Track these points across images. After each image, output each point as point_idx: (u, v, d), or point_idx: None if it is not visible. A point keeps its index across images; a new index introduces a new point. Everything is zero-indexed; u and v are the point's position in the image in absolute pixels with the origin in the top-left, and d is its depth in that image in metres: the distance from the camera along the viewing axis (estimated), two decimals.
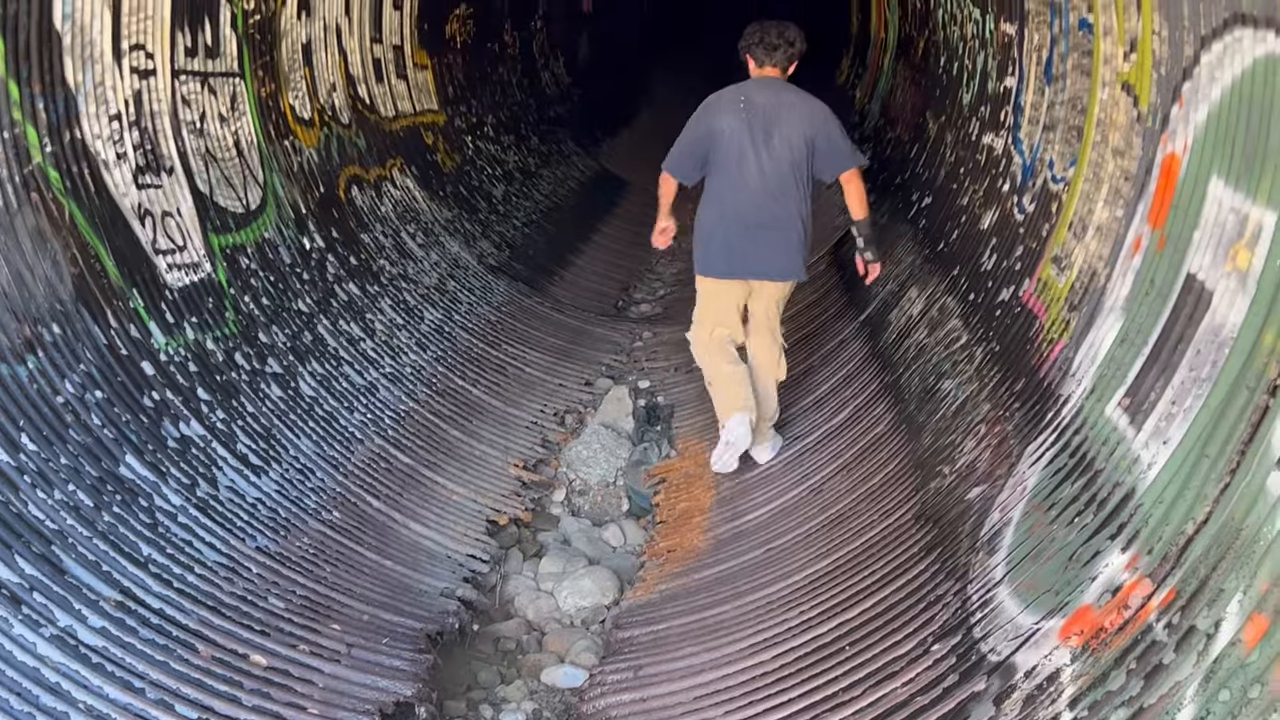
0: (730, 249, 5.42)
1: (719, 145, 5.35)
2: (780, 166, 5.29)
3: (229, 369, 4.96)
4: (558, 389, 6.87)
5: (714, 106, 5.42)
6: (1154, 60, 3.62)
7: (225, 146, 5.64)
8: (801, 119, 5.30)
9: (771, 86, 5.41)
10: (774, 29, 5.45)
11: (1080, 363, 3.77)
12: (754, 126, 5.29)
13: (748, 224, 5.36)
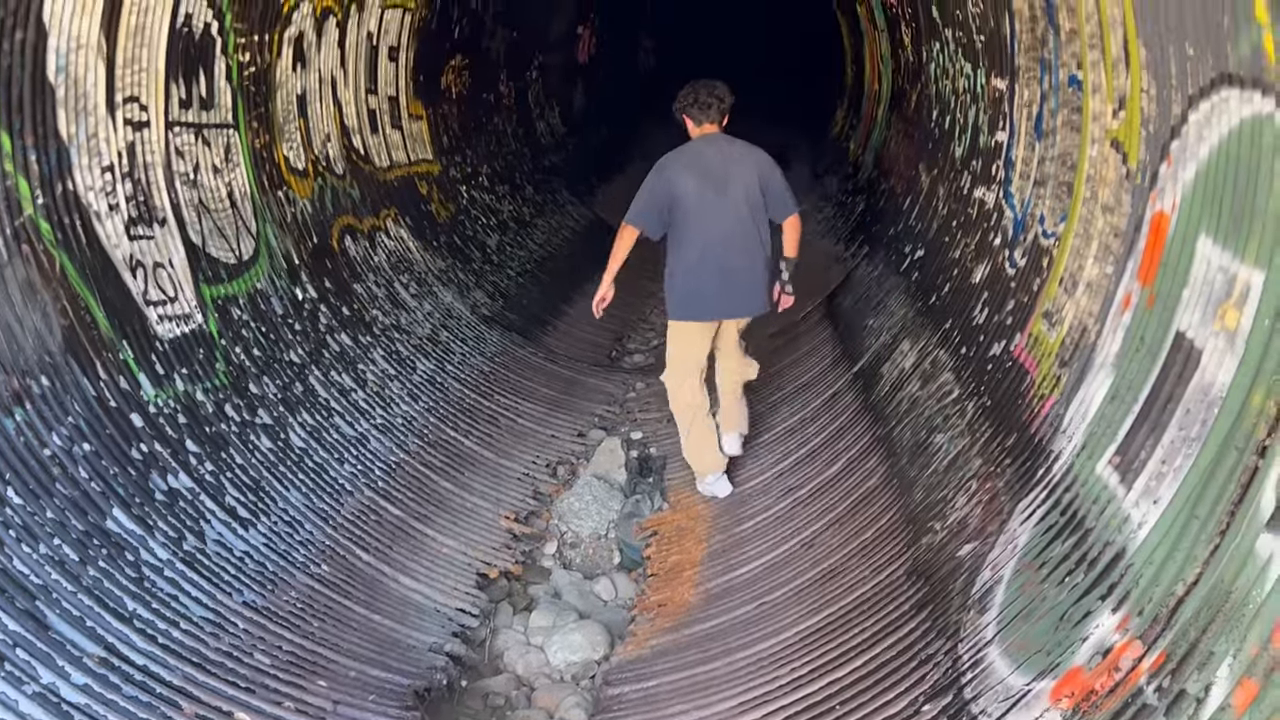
0: (705, 294, 5.86)
1: (681, 202, 5.76)
2: (740, 213, 5.78)
3: (219, 420, 4.95)
4: (550, 440, 6.86)
5: (671, 167, 5.84)
6: (1142, 118, 3.64)
7: (218, 197, 5.65)
8: (751, 168, 5.81)
9: (718, 142, 5.89)
10: (704, 89, 5.93)
11: (1071, 419, 3.77)
12: (711, 182, 5.76)
13: (718, 269, 5.80)
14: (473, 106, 11.29)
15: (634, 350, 9.29)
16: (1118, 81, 3.90)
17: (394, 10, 8.62)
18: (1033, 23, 5.10)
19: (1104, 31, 4.00)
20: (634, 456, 6.70)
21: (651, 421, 7.24)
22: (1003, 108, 5.81)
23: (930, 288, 6.45)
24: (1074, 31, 4.42)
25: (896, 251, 7.85)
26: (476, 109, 11.45)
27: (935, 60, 8.08)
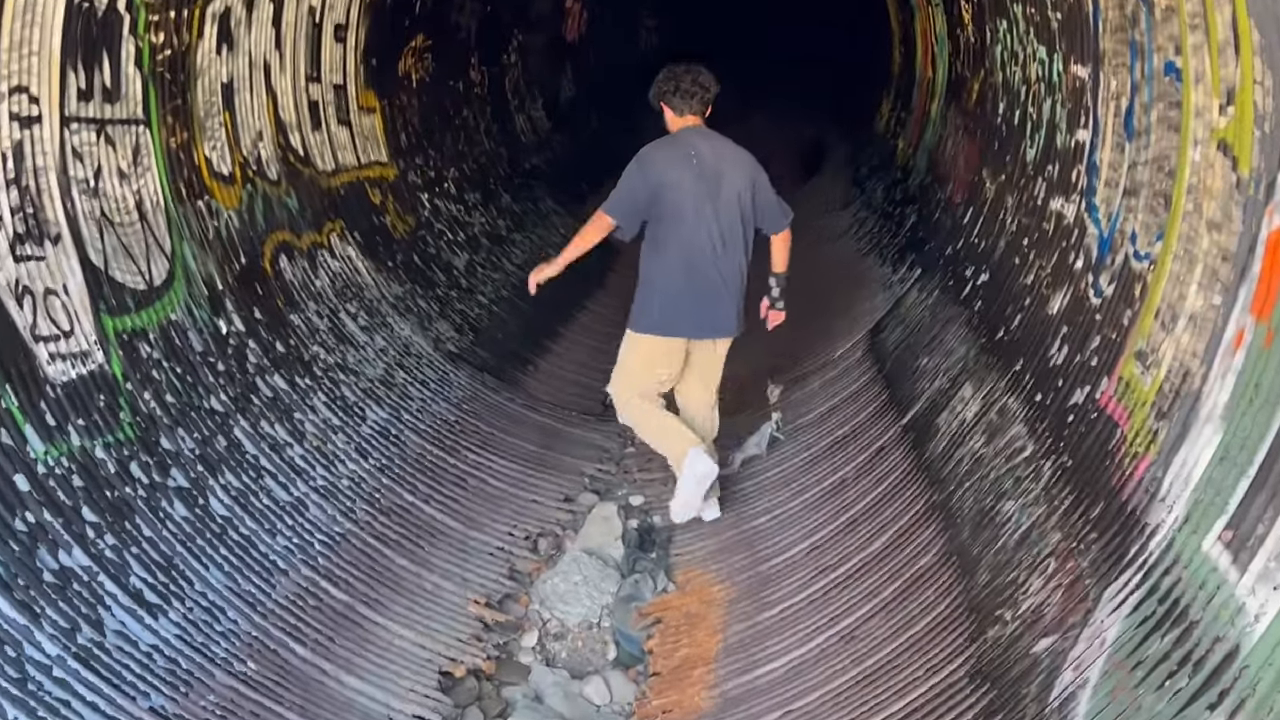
0: (682, 308, 6.29)
1: (668, 199, 6.15)
2: (732, 219, 6.21)
3: (122, 483, 4.93)
4: (530, 506, 6.84)
5: (659, 159, 6.25)
6: (1256, 115, 3.65)
7: (125, 209, 5.65)
8: (743, 169, 6.25)
9: (709, 137, 6.31)
10: (686, 76, 6.30)
11: (1171, 484, 3.75)
12: (705, 179, 6.16)
13: (703, 281, 6.24)
14: (437, 97, 11.33)
15: None
16: (1225, 71, 3.91)
17: None
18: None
19: (1208, 9, 4.01)
20: (633, 526, 6.68)
21: (654, 483, 7.23)
22: (1084, 101, 5.83)
23: (997, 320, 6.45)
24: (1171, 9, 4.44)
25: (955, 275, 7.85)
26: (442, 100, 11.49)
27: (1002, 42, 8.11)
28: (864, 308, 9.30)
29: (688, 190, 6.14)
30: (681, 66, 6.36)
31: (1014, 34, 7.62)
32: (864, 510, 6.04)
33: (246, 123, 7.26)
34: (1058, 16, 6.36)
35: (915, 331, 7.86)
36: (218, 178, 6.78)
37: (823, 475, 6.65)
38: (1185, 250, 4.20)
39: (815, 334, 9.37)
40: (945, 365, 6.78)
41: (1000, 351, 6.16)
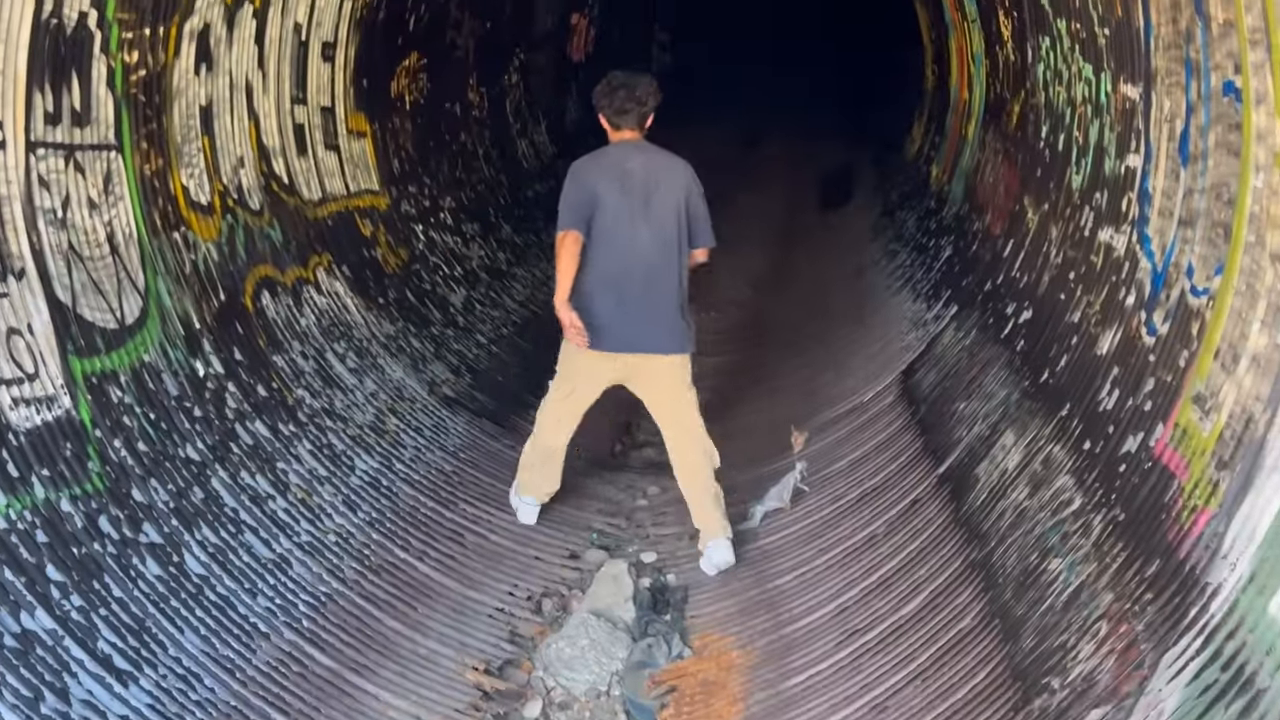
0: (611, 321, 6.56)
1: (600, 212, 6.49)
2: (662, 233, 6.55)
3: (90, 539, 4.92)
4: (532, 564, 6.82)
5: (590, 171, 6.60)
6: None
7: (95, 241, 5.67)
8: (676, 182, 6.61)
9: (642, 150, 6.66)
10: (621, 90, 6.62)
11: (1234, 540, 3.74)
12: (633, 193, 6.52)
13: (631, 298, 6.55)
14: (433, 120, 11.37)
15: (644, 443, 9.26)
16: None
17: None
18: (1174, 11, 5.13)
19: (1270, 23, 4.01)
20: (645, 586, 6.66)
21: (668, 539, 7.21)
22: (1135, 123, 5.83)
23: (1041, 361, 6.44)
24: (1229, 23, 4.44)
25: (995, 312, 7.85)
26: (438, 123, 11.53)
27: (1044, 60, 8.12)
28: (895, 348, 9.28)
29: (616, 205, 6.48)
30: (620, 78, 6.67)
31: (1058, 51, 7.63)
32: (896, 569, 6.02)
33: (227, 148, 7.28)
34: (1105, 33, 6.37)
35: (952, 374, 7.85)
36: (195, 208, 6.80)
37: (851, 530, 6.63)
38: (1247, 285, 4.18)
39: (843, 376, 9.36)
40: (985, 410, 6.76)
41: (1045, 395, 6.14)
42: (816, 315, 11.08)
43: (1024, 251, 7.88)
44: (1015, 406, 6.44)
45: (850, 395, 8.79)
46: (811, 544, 6.65)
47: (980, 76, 11.44)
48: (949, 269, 10.10)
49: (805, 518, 7.00)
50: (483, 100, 13.01)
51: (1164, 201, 5.27)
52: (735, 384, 10.30)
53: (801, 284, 12.05)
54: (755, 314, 12.42)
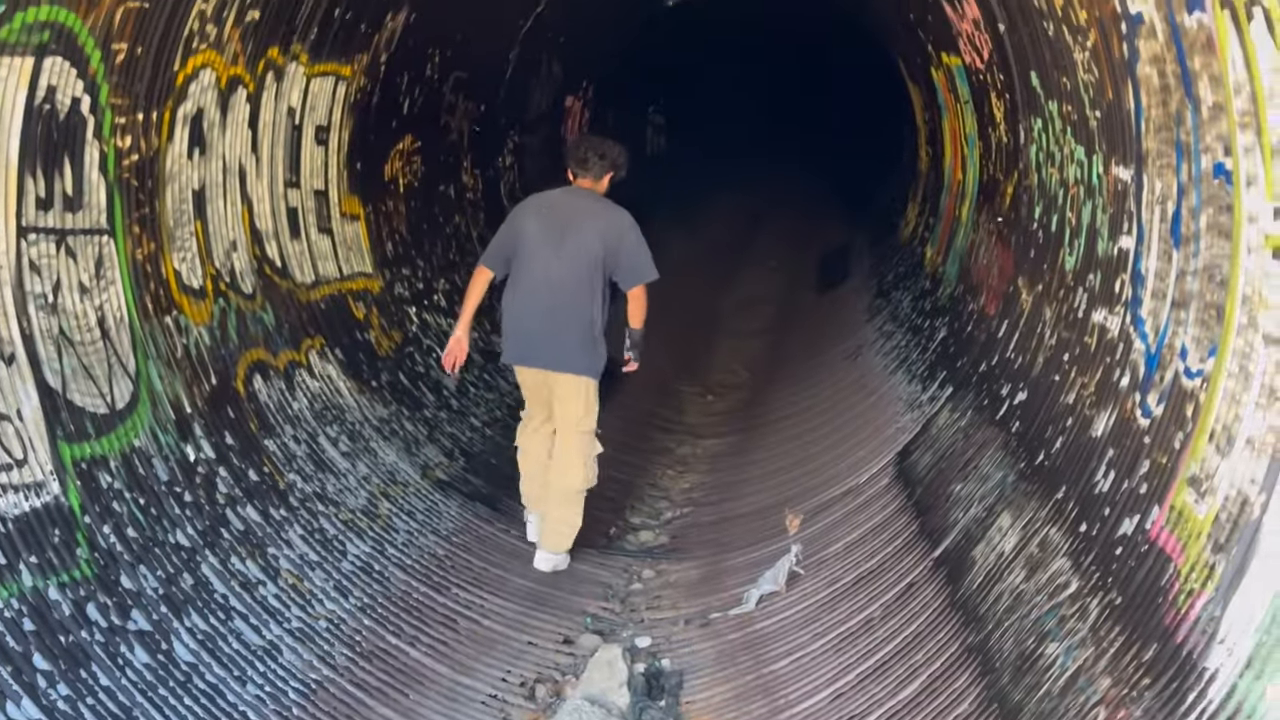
0: (521, 338, 7.60)
1: (521, 243, 7.53)
2: (571, 267, 7.43)
3: (78, 626, 4.90)
4: (526, 649, 6.79)
5: (523, 208, 7.75)
6: None
7: (86, 326, 5.68)
8: (598, 228, 7.47)
9: (577, 195, 7.68)
10: (586, 145, 7.80)
11: (1231, 625, 3.72)
12: (551, 229, 7.49)
13: (537, 317, 7.49)
14: (426, 203, 11.42)
15: (640, 526, 9.25)
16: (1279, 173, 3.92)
17: (323, 79, 8.77)
18: (1164, 94, 5.16)
19: (1259, 106, 4.03)
20: (640, 671, 6.62)
21: (663, 623, 7.17)
22: (1127, 205, 5.86)
23: (1036, 443, 6.43)
24: (1219, 106, 4.47)
25: (990, 394, 7.85)
26: (432, 206, 11.58)
27: (1036, 142, 8.17)
28: (891, 429, 9.28)
29: (534, 237, 7.49)
30: (592, 136, 8.13)
31: (1050, 133, 7.68)
32: (893, 653, 5.99)
33: (219, 232, 7.31)
34: (1096, 115, 6.41)
35: (947, 455, 7.84)
36: (187, 291, 6.81)
37: (848, 614, 6.60)
38: (1240, 367, 4.19)
39: (838, 458, 9.36)
40: (981, 492, 6.75)
41: (1040, 477, 6.13)
42: (813, 397, 11.10)
43: (1018, 332, 7.90)
44: (1011, 488, 6.43)
45: (846, 477, 8.78)
46: (807, 628, 6.61)
47: (973, 157, 11.51)
48: (944, 350, 10.11)
49: (801, 601, 6.97)
50: (477, 182, 13.06)
51: (1157, 283, 5.29)
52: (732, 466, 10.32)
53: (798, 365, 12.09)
54: (753, 396, 12.46)
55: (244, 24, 7.31)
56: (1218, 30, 4.33)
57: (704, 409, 12.47)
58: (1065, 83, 6.99)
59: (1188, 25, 4.63)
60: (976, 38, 9.76)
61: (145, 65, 6.25)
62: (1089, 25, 6.17)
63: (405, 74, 10.48)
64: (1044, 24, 7.12)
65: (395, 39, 9.86)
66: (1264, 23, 3.87)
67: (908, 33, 13.71)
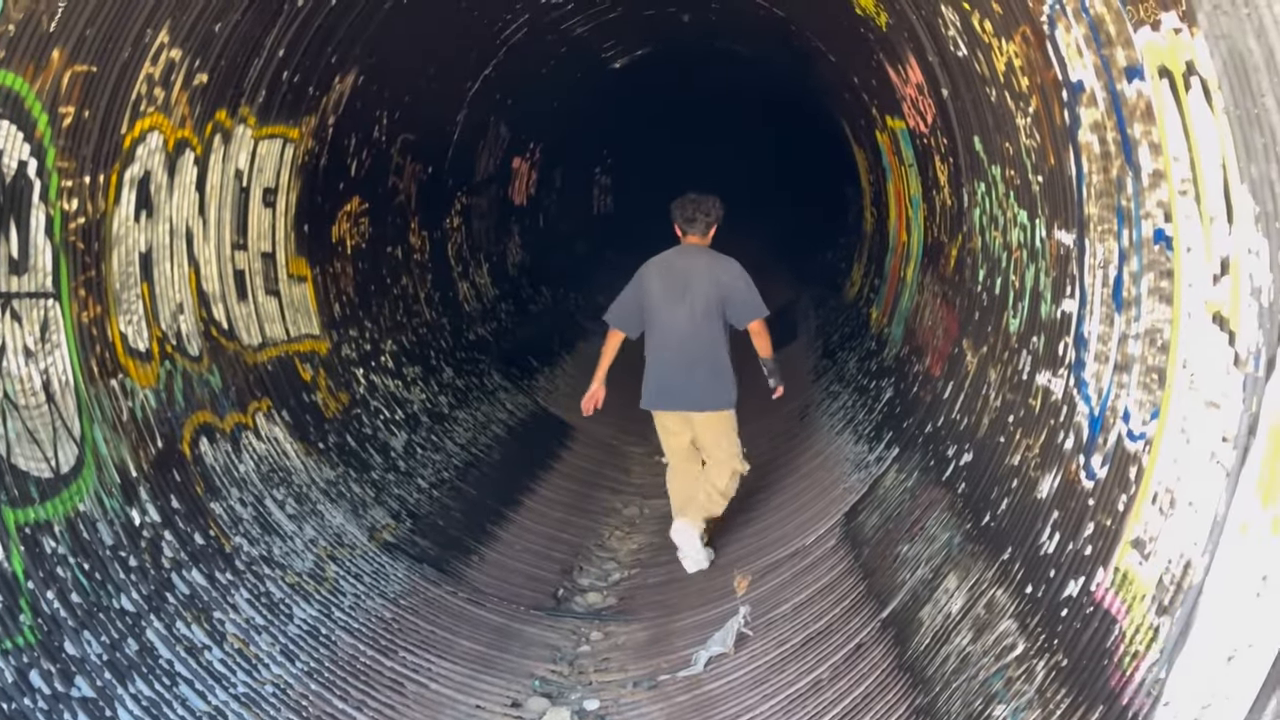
0: (663, 386, 8.77)
1: (649, 302, 8.72)
2: (696, 315, 8.61)
3: (20, 694, 4.85)
4: (473, 713, 6.75)
5: (645, 273, 8.87)
6: (1251, 287, 3.71)
7: (30, 390, 5.64)
8: (712, 278, 8.66)
9: (689, 253, 8.86)
10: (691, 205, 8.90)
11: (1175, 687, 3.74)
12: (673, 286, 8.68)
13: (674, 366, 8.67)
14: (374, 264, 11.43)
15: (588, 587, 9.23)
16: (1217, 238, 3.98)
17: (271, 141, 8.78)
18: (1105, 161, 5.23)
19: (1196, 175, 4.10)
20: None
21: (611, 685, 7.15)
22: (1070, 269, 5.92)
23: (982, 504, 6.47)
24: (1159, 173, 4.53)
25: (936, 454, 7.89)
26: (379, 267, 11.59)
27: (980, 205, 8.25)
28: (838, 490, 9.31)
29: (660, 296, 8.69)
30: (691, 197, 8.92)
31: (993, 197, 7.76)
32: (841, 715, 5.98)
33: (166, 294, 7.29)
34: (1039, 180, 6.49)
35: (894, 516, 7.87)
36: (133, 354, 6.78)
37: (796, 675, 6.59)
38: (1181, 430, 4.23)
39: (786, 518, 9.38)
40: (927, 553, 6.77)
41: (987, 539, 6.16)
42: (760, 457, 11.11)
43: (964, 394, 7.95)
44: (958, 549, 6.45)
45: (794, 538, 8.81)
46: (756, 689, 6.60)
47: (918, 220, 11.60)
48: (890, 410, 10.17)
49: (750, 662, 6.96)
50: (424, 244, 13.09)
51: (1100, 346, 5.34)
52: None
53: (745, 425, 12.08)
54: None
55: (191, 87, 7.31)
56: (1156, 99, 4.40)
57: (652, 469, 12.45)
58: (1008, 147, 7.07)
59: (1127, 94, 4.70)
60: (920, 102, 9.87)
61: (92, 129, 6.25)
62: (1030, 92, 6.25)
63: (353, 136, 10.51)
64: (986, 90, 7.21)
65: (343, 101, 9.89)
66: (1201, 92, 3.94)
67: (853, 96, 13.85)
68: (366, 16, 9.31)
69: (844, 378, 13.05)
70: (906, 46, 9.33)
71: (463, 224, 14.54)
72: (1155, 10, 4.23)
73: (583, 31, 14.72)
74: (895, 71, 10.27)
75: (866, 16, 9.90)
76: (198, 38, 7.13)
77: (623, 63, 17.65)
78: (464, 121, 13.69)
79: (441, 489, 9.90)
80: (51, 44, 5.70)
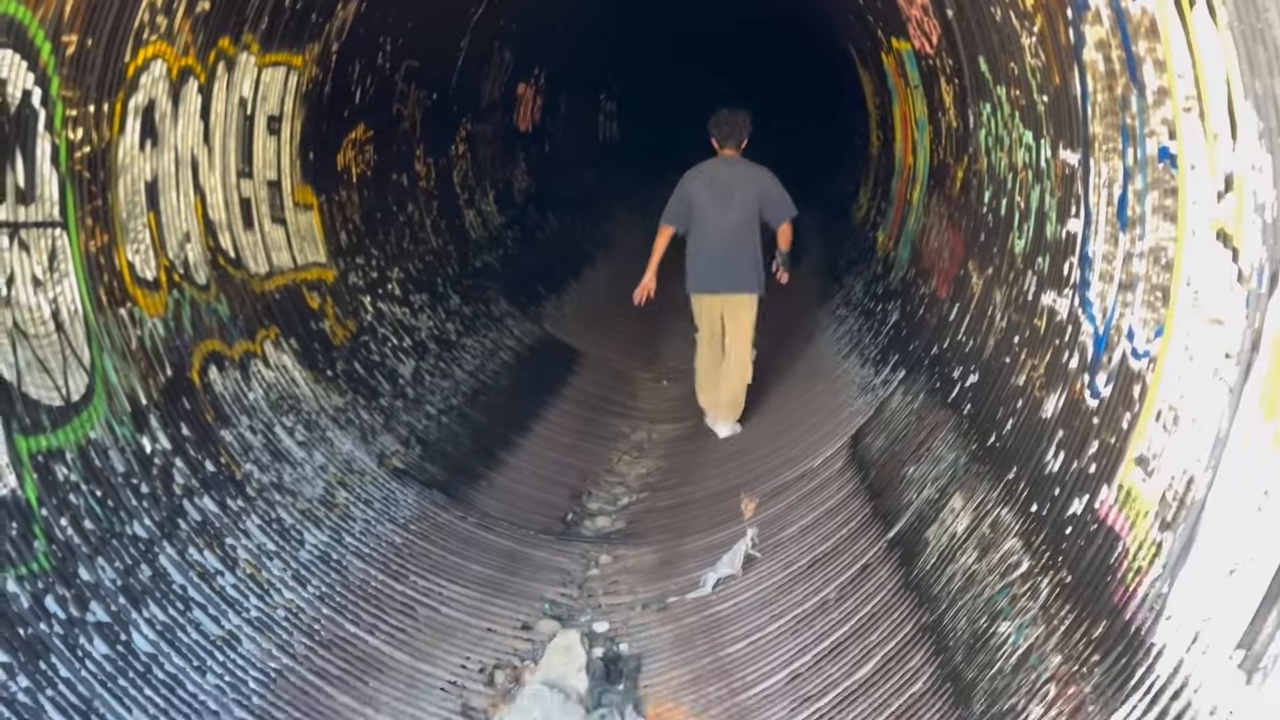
0: (707, 274, 10.21)
1: (696, 207, 10.16)
2: (739, 217, 10.10)
3: (36, 619, 4.89)
4: (485, 636, 6.80)
5: (690, 181, 10.29)
6: (1255, 203, 3.71)
7: (39, 319, 5.66)
8: (751, 186, 10.15)
9: (730, 163, 10.33)
10: (726, 122, 10.32)
11: (1177, 601, 3.77)
12: (718, 192, 10.14)
13: (718, 256, 10.12)
14: (380, 192, 11.41)
15: (597, 512, 9.27)
16: (1221, 156, 3.98)
17: (274, 69, 8.75)
18: (1109, 79, 5.21)
19: (1201, 92, 4.09)
20: (598, 656, 6.64)
21: (620, 608, 7.20)
22: (1075, 189, 5.91)
23: (987, 425, 6.49)
24: (1164, 91, 4.52)
25: (942, 377, 7.91)
26: (385, 195, 11.57)
27: (985, 126, 8.23)
28: (845, 413, 9.33)
29: (707, 199, 10.13)
30: (725, 114, 10.33)
31: (998, 118, 7.74)
32: (849, 634, 6.02)
33: (172, 224, 7.29)
34: (1044, 99, 6.47)
35: (900, 438, 7.89)
36: (141, 284, 6.79)
37: (803, 597, 6.64)
38: (1185, 347, 4.25)
39: (793, 441, 9.40)
40: (933, 474, 6.79)
41: (992, 459, 6.18)
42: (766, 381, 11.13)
43: (969, 316, 7.95)
44: (963, 470, 6.48)
45: (801, 461, 8.83)
46: (764, 610, 6.65)
47: (924, 142, 11.57)
48: (896, 333, 10.18)
49: (757, 584, 7.01)
50: (430, 171, 13.05)
51: (1104, 266, 5.34)
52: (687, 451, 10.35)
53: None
54: None
55: (194, 15, 7.28)
56: (1160, 15, 4.39)
57: (659, 394, 12.49)
58: (1013, 68, 7.04)
59: (1132, 10, 4.68)
60: (925, 23, 9.82)
61: (96, 57, 6.23)
62: (1035, 10, 6.22)
63: (357, 63, 10.46)
64: (991, 9, 7.17)
65: (346, 28, 9.84)
66: (1205, 8, 3.93)
67: (858, 18, 13.76)
68: None
69: (850, 301, 13.05)
70: None
71: (468, 151, 14.48)
72: None
73: None
74: None
75: None
76: None
77: None
78: (468, 47, 13.61)
79: (450, 415, 9.93)
80: None
